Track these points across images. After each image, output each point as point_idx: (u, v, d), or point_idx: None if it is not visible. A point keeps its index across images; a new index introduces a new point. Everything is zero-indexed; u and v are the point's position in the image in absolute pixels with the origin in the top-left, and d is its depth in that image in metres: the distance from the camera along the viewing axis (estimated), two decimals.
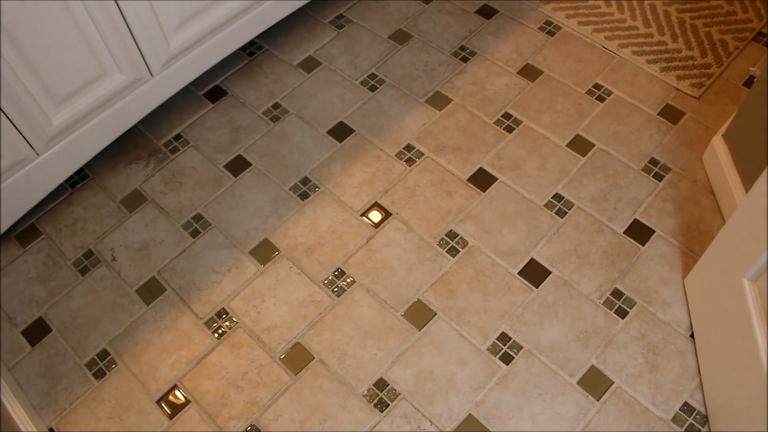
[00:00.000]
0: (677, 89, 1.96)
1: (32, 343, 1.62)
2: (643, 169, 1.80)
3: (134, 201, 1.82)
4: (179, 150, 1.90)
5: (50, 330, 1.64)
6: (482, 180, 1.80)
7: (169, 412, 1.52)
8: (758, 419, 1.21)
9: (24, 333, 1.63)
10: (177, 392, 1.54)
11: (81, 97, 1.63)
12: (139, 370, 1.57)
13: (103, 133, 1.74)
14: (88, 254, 1.74)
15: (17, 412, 1.49)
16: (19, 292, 1.69)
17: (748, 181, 1.61)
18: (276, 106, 1.97)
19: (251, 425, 1.49)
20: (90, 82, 1.62)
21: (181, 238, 1.75)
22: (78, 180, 1.87)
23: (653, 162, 1.82)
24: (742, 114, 1.63)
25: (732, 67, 1.99)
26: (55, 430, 1.51)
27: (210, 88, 2.03)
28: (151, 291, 1.68)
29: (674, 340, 1.55)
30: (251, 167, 1.86)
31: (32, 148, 1.61)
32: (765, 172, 1.22)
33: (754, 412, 1.22)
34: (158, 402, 1.53)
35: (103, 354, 1.60)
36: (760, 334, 1.24)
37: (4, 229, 1.70)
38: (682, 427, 1.45)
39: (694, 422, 1.45)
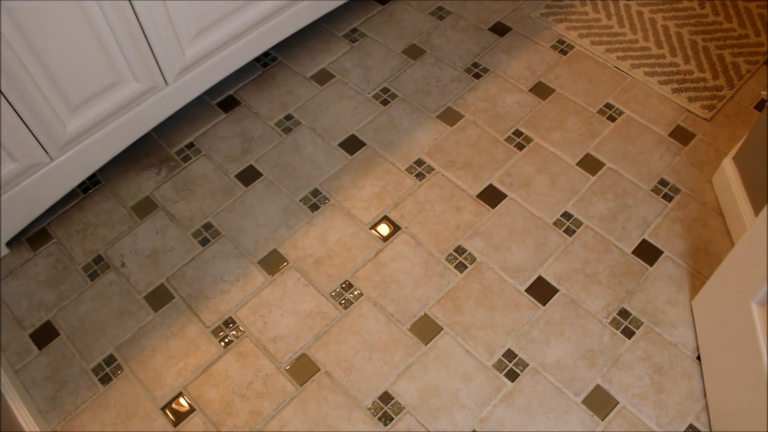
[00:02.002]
0: (688, 111, 1.96)
1: (40, 347, 1.63)
2: (652, 190, 1.81)
3: (145, 208, 1.83)
4: (191, 158, 1.92)
5: (58, 334, 1.65)
6: (492, 196, 1.80)
7: (173, 419, 1.52)
8: None
9: (32, 336, 1.64)
10: (182, 400, 1.54)
11: (96, 103, 1.65)
12: (145, 377, 1.58)
13: (116, 140, 1.76)
14: (98, 259, 1.75)
15: (23, 415, 1.50)
16: (28, 295, 1.70)
17: (757, 205, 1.61)
18: (288, 117, 1.99)
19: None
20: (105, 89, 1.64)
21: (191, 247, 1.76)
22: (90, 185, 1.88)
23: (663, 183, 1.82)
24: (752, 137, 1.63)
25: (743, 90, 2.00)
26: None
27: (223, 98, 2.05)
28: (159, 298, 1.69)
29: (681, 361, 1.55)
30: (262, 178, 1.87)
31: (46, 152, 1.62)
32: None
33: None
34: (163, 409, 1.53)
35: (110, 359, 1.61)
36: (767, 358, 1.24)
37: (15, 232, 1.72)
38: None
39: None
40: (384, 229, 1.76)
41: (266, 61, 2.13)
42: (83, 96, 1.60)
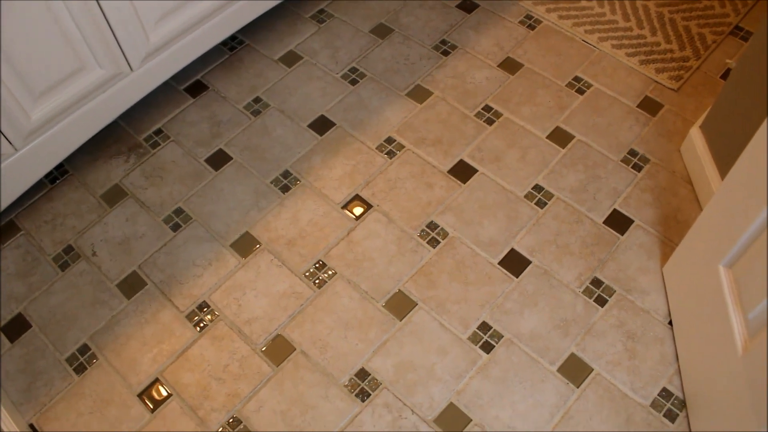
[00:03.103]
0: (656, 82, 1.98)
1: (12, 340, 1.61)
2: (622, 160, 1.82)
3: (114, 196, 1.82)
4: (160, 145, 1.90)
5: (30, 326, 1.63)
6: (462, 172, 1.81)
7: (150, 405, 1.51)
8: (734, 402, 1.22)
9: (3, 329, 1.62)
10: (158, 386, 1.53)
11: (59, 91, 1.62)
12: (120, 365, 1.57)
13: (82, 128, 1.73)
14: (68, 249, 1.73)
15: None
16: None
17: (724, 171, 1.63)
18: (257, 100, 1.97)
19: (233, 417, 1.48)
20: (68, 76, 1.61)
21: (162, 233, 1.75)
22: (57, 175, 1.86)
23: (632, 153, 1.83)
24: (718, 105, 1.65)
25: (709, 61, 2.01)
26: (35, 425, 1.50)
27: (191, 83, 2.03)
28: (131, 285, 1.67)
29: (653, 327, 1.56)
30: (232, 161, 1.86)
31: (10, 143, 1.60)
32: (741, 158, 1.23)
33: (731, 395, 1.24)
34: (140, 396, 1.53)
35: (84, 349, 1.59)
36: (735, 319, 1.26)
37: None
38: (660, 412, 1.46)
39: (672, 407, 1.46)
40: (356, 208, 1.76)
41: (233, 44, 2.11)
42: (46, 84, 1.58)
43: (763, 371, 1.12)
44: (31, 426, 1.50)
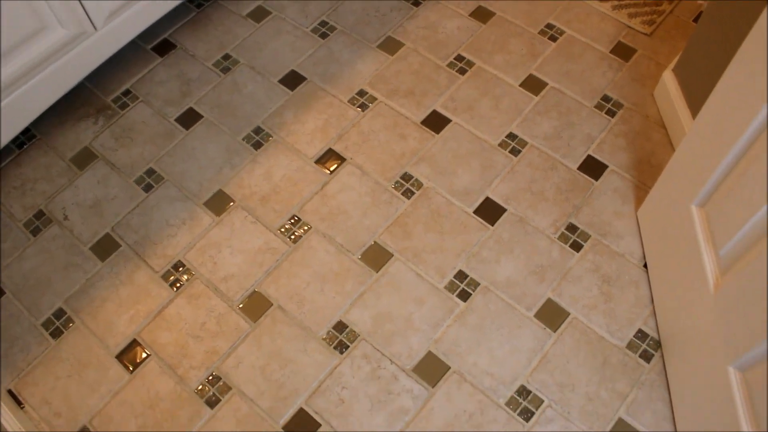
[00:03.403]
0: (629, 27, 1.96)
1: None
2: (595, 106, 1.81)
3: (84, 159, 1.79)
4: (128, 105, 1.87)
5: (3, 292, 1.61)
6: (436, 122, 1.79)
7: (129, 366, 1.51)
8: (707, 340, 1.23)
9: None
10: (136, 346, 1.53)
11: (21, 52, 1.58)
12: (96, 327, 1.56)
13: (47, 91, 1.70)
14: (39, 214, 1.71)
15: None
16: None
17: (697, 113, 1.63)
18: (226, 57, 1.94)
19: (212, 374, 1.48)
20: (29, 36, 1.57)
21: (134, 194, 1.72)
22: (25, 140, 1.83)
23: (606, 99, 1.82)
24: (690, 48, 1.63)
25: (682, 5, 1.99)
26: (14, 391, 1.50)
27: (158, 42, 1.99)
28: (105, 248, 1.65)
29: (628, 270, 1.57)
30: (203, 119, 1.83)
31: None
32: (711, 97, 1.22)
33: (703, 333, 1.25)
34: (118, 357, 1.52)
35: (59, 313, 1.58)
36: (707, 257, 1.26)
37: None
38: (636, 353, 1.47)
39: (647, 348, 1.48)
40: (329, 162, 1.74)
41: (200, 1, 2.06)
42: (6, 45, 1.54)
43: (733, 307, 1.13)
44: (10, 392, 1.50)
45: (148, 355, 1.51)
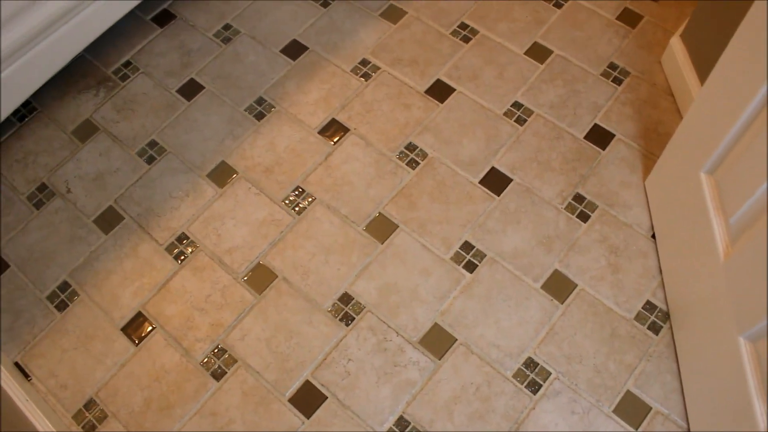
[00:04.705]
0: None
1: None
2: (602, 74, 1.78)
3: (86, 131, 1.77)
4: (129, 77, 1.85)
5: (8, 266, 1.60)
6: (440, 91, 1.77)
7: (134, 339, 1.50)
8: (716, 310, 1.22)
9: None
10: (141, 319, 1.52)
11: (18, 23, 1.56)
12: (101, 300, 1.55)
13: (47, 62, 1.67)
14: (42, 188, 1.70)
15: None
16: None
17: (705, 80, 1.60)
18: (227, 27, 1.91)
19: (217, 346, 1.48)
20: (26, 7, 1.54)
21: (137, 166, 1.71)
22: (26, 113, 1.81)
23: (612, 66, 1.79)
24: (698, 13, 1.61)
25: None
26: (20, 363, 1.50)
27: (158, 12, 1.96)
28: (108, 220, 1.64)
29: (636, 241, 1.56)
30: (204, 90, 1.81)
31: None
32: (720, 62, 1.20)
33: (713, 303, 1.24)
34: (123, 330, 1.52)
35: (64, 286, 1.57)
36: (717, 226, 1.25)
37: None
38: (644, 324, 1.47)
39: (656, 320, 1.47)
40: (333, 132, 1.72)
41: None
42: (4, 15, 1.51)
43: (744, 276, 1.12)
44: (17, 364, 1.50)
45: (154, 328, 1.51)
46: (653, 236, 1.56)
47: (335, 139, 1.71)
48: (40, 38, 1.62)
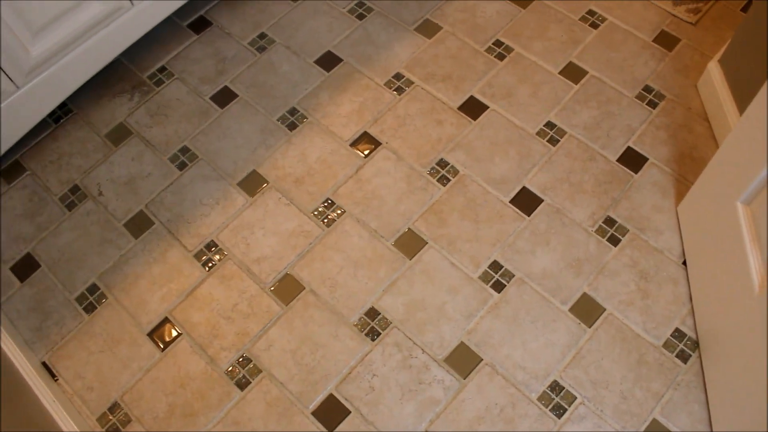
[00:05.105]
0: (673, 15, 1.91)
1: (21, 279, 1.61)
2: (636, 97, 1.77)
3: (120, 135, 1.79)
4: (164, 82, 1.86)
5: (39, 266, 1.62)
6: (473, 108, 1.77)
7: (160, 344, 1.51)
8: (749, 342, 1.21)
9: (13, 269, 1.62)
10: (168, 325, 1.53)
11: (59, 26, 1.58)
12: (129, 304, 1.56)
13: (84, 65, 1.69)
14: (75, 189, 1.71)
15: (9, 348, 1.49)
16: (6, 228, 1.67)
17: (743, 107, 1.59)
18: (262, 36, 1.92)
19: (243, 356, 1.49)
20: (68, 10, 1.57)
21: (168, 171, 1.72)
22: (61, 115, 1.83)
23: (647, 89, 1.78)
24: (738, 38, 1.59)
25: None
26: (47, 363, 1.51)
27: (194, 19, 1.97)
28: (138, 225, 1.66)
29: (666, 267, 1.54)
30: (238, 98, 1.82)
31: (11, 80, 1.56)
32: (761, 92, 1.19)
33: (745, 334, 1.22)
34: (149, 334, 1.53)
35: (93, 288, 1.59)
36: (752, 257, 1.23)
37: None
38: (673, 352, 1.45)
39: (685, 348, 1.45)
40: (364, 145, 1.72)
41: None
42: (45, 18, 1.53)
43: None
44: (44, 364, 1.51)
45: (180, 334, 1.52)
46: (684, 263, 1.55)
47: (366, 153, 1.71)
48: (79, 42, 1.64)
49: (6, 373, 1.40)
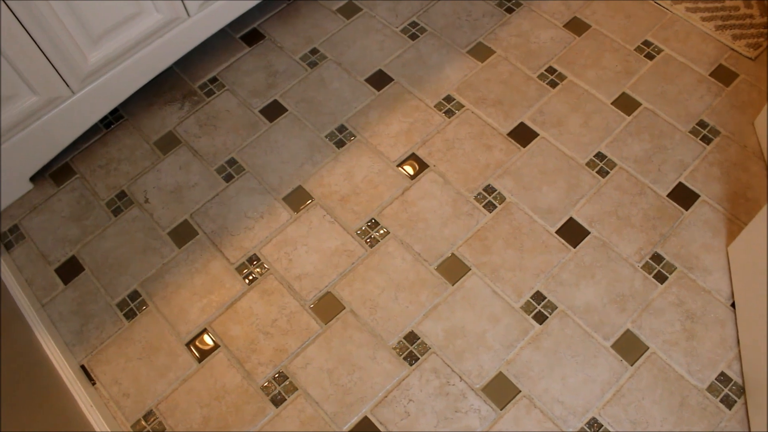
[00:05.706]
0: (732, 49, 1.88)
1: (65, 282, 1.63)
2: (690, 132, 1.74)
3: (168, 143, 1.80)
4: (214, 93, 1.88)
5: (83, 269, 1.64)
6: (523, 135, 1.75)
7: (198, 355, 1.52)
8: None
9: (57, 271, 1.64)
10: (206, 336, 1.54)
11: (117, 35, 1.60)
12: (169, 312, 1.57)
13: (138, 73, 1.72)
14: (121, 195, 1.73)
15: (50, 348, 1.51)
16: (52, 230, 1.69)
17: None
18: (314, 51, 1.93)
19: (279, 372, 1.48)
20: (127, 19, 1.59)
21: (215, 182, 1.73)
22: (112, 120, 1.85)
23: (702, 124, 1.75)
24: None
25: None
26: (86, 366, 1.53)
27: (247, 32, 1.99)
28: (182, 234, 1.67)
29: (714, 308, 1.51)
30: (287, 113, 1.83)
31: (67, 86, 1.59)
32: None
33: None
34: (187, 345, 1.53)
35: (134, 295, 1.60)
36: None
37: (38, 167, 1.70)
38: (717, 397, 1.41)
39: (730, 393, 1.42)
40: (412, 167, 1.72)
41: None
42: (104, 27, 1.56)
43: None
44: (83, 367, 1.52)
45: (218, 346, 1.52)
46: (733, 305, 1.51)
47: (414, 174, 1.71)
48: (135, 50, 1.66)
49: (46, 375, 1.42)
